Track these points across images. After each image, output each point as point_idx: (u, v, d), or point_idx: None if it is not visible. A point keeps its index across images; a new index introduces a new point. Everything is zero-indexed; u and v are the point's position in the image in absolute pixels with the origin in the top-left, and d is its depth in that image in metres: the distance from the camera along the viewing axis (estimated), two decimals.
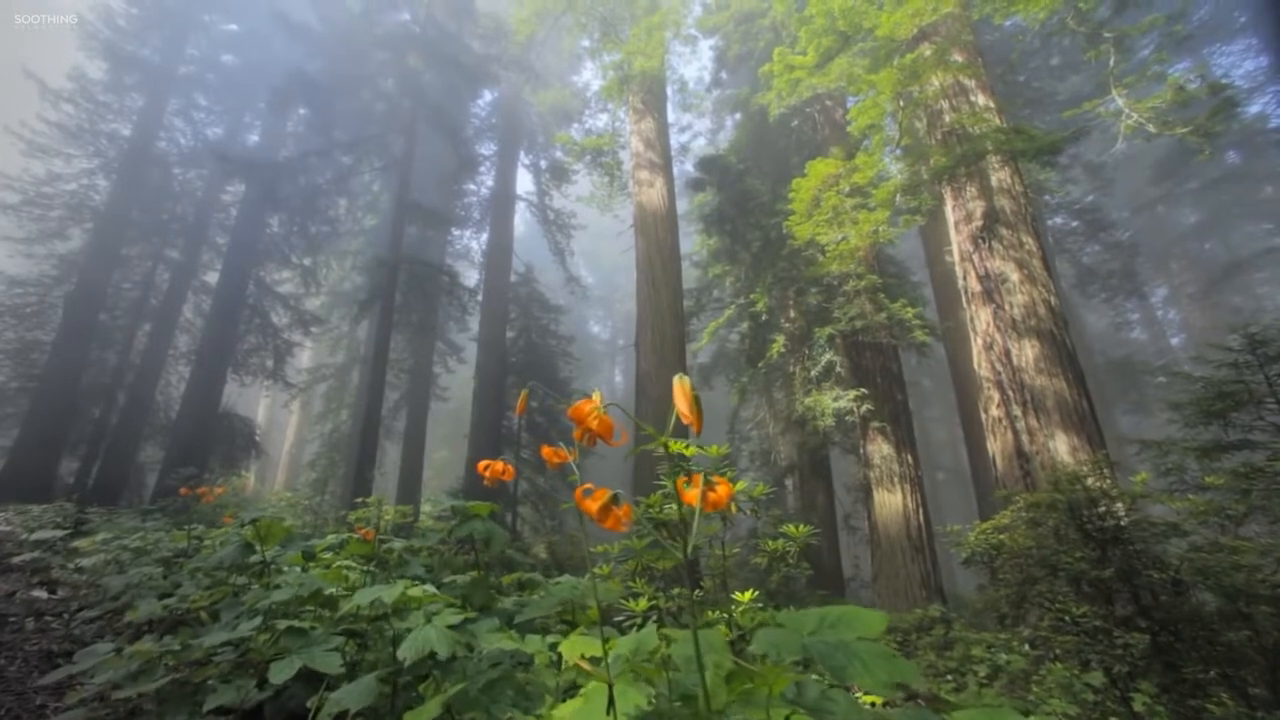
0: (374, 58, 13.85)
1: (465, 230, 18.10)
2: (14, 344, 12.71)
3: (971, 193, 6.86)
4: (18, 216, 13.21)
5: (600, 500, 0.87)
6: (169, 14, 13.94)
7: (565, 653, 1.15)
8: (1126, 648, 2.08)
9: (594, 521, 0.90)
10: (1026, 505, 3.05)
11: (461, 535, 1.54)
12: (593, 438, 0.99)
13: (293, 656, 1.36)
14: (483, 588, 1.61)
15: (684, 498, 0.91)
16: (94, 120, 13.70)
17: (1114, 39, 6.76)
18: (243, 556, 1.78)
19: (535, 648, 1.41)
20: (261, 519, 1.80)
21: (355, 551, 1.86)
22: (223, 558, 1.73)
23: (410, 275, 12.24)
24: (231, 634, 1.46)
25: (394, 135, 13.25)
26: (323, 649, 1.39)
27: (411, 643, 1.30)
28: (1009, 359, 6.01)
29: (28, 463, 10.41)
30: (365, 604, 1.36)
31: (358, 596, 1.38)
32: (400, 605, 1.45)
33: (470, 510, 1.69)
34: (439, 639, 1.32)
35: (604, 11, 11.58)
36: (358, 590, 1.42)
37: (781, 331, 10.17)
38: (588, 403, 0.98)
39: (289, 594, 1.55)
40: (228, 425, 12.61)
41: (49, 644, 2.37)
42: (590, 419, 0.96)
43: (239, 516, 1.81)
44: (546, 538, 8.77)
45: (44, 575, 3.00)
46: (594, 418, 1.09)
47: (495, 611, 1.54)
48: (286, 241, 14.14)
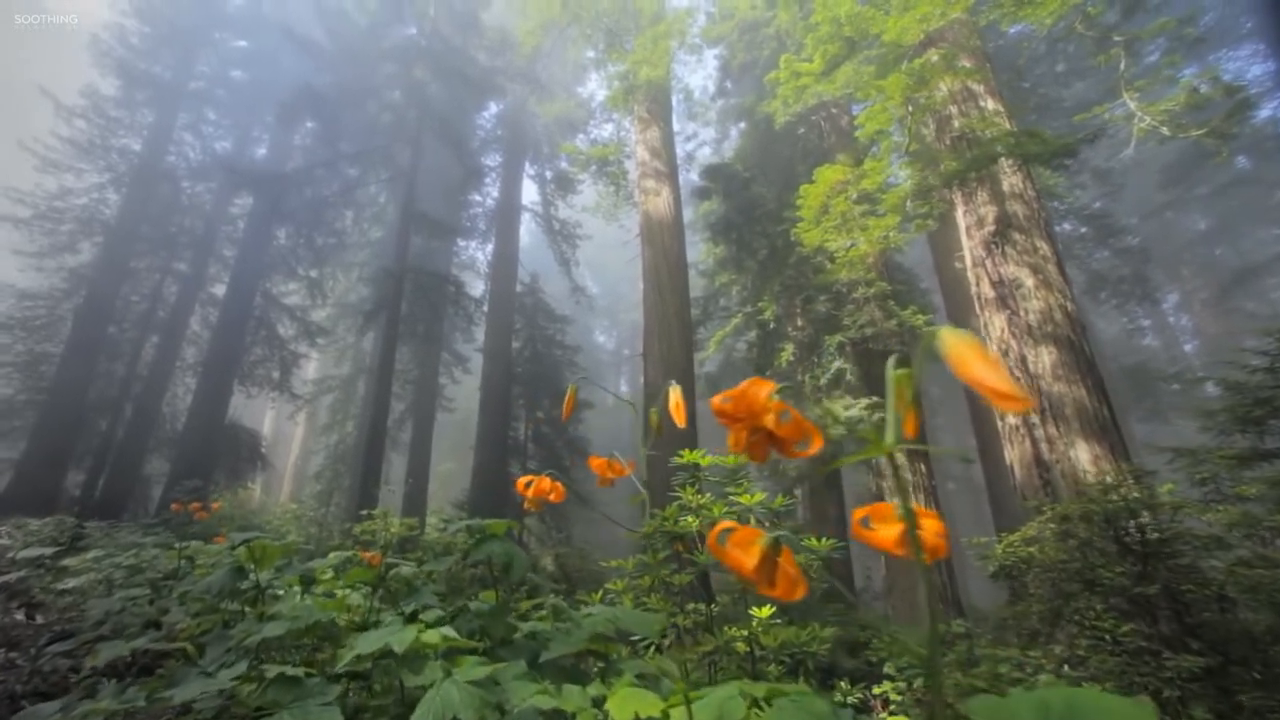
0: (380, 71, 13.98)
1: (471, 241, 18.14)
2: (23, 356, 12.76)
3: (983, 198, 6.78)
4: (30, 231, 13.34)
5: (754, 550, 0.58)
6: (180, 32, 14.15)
7: (615, 713, 0.97)
8: (1178, 670, 1.96)
9: (749, 587, 0.63)
10: (1055, 517, 2.92)
11: (479, 558, 1.40)
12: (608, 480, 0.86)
13: (283, 713, 1.16)
14: (503, 618, 1.45)
15: (742, 564, 0.60)
16: (105, 136, 13.87)
17: (1124, 43, 6.70)
18: (234, 581, 1.61)
19: (575, 704, 1.20)
20: (255, 540, 1.64)
21: (359, 579, 1.70)
22: (210, 583, 1.57)
23: (416, 286, 12.24)
24: (209, 684, 1.24)
25: (400, 147, 13.33)
26: (318, 702, 1.19)
27: (430, 706, 1.10)
28: (1025, 366, 5.88)
29: (34, 476, 10.39)
30: (370, 652, 1.16)
31: (361, 643, 1.18)
32: (414, 652, 1.23)
33: (488, 530, 1.53)
34: (463, 700, 1.11)
35: (609, 22, 11.65)
36: (360, 637, 1.21)
37: (789, 339, 10.06)
38: (599, 460, 0.86)
39: (283, 628, 1.39)
40: (234, 437, 12.59)
41: (14, 682, 2.12)
42: (608, 470, 0.83)
43: (231, 537, 1.66)
44: (554, 549, 8.63)
45: (24, 598, 2.86)
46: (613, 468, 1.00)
47: (517, 646, 1.39)
48: (293, 253, 14.20)
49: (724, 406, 0.63)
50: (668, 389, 1.30)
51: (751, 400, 0.61)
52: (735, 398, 0.62)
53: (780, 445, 0.62)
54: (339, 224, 15.30)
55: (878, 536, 0.60)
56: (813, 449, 0.61)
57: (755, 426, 0.62)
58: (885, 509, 0.62)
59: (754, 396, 0.61)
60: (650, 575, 2.28)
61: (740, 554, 0.59)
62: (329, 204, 13.93)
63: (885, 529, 0.60)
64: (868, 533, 0.62)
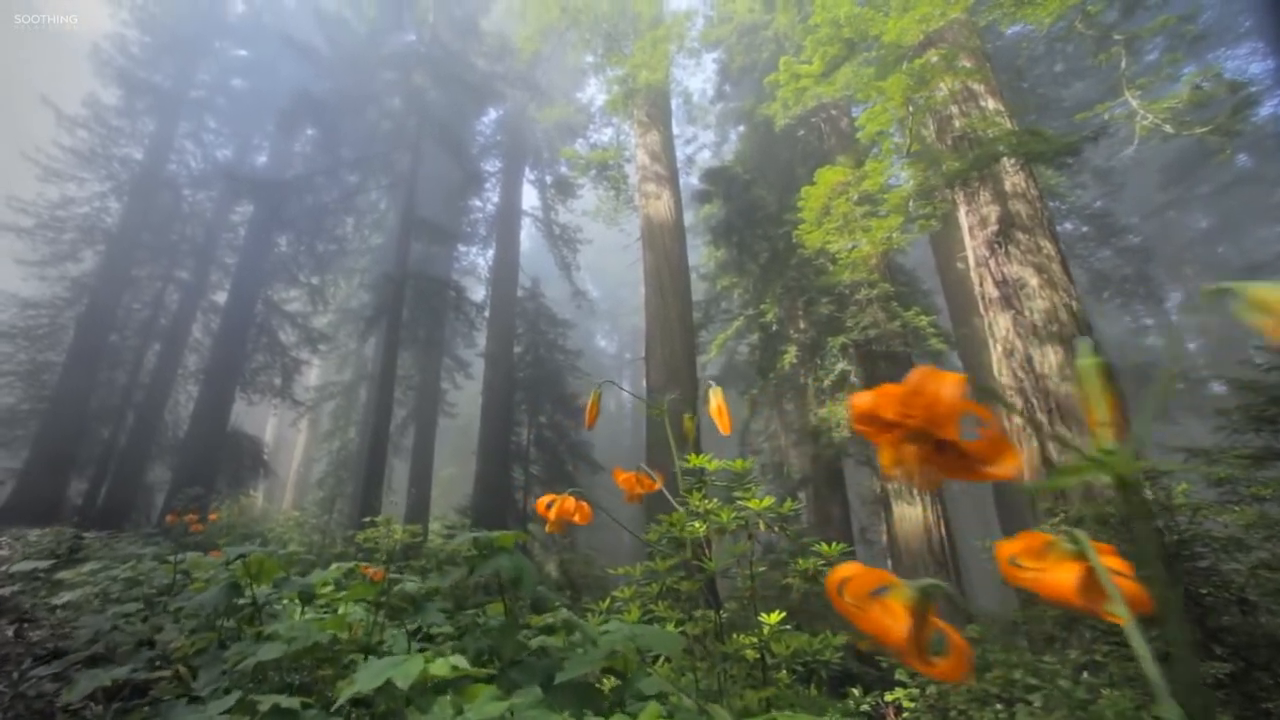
0: (380, 78, 14.02)
1: (471, 246, 18.15)
2: (26, 366, 12.77)
3: (985, 198, 6.74)
4: (32, 240, 13.37)
5: (899, 610, 0.45)
6: (181, 41, 14.21)
7: None
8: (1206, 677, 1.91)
9: (898, 660, 0.53)
10: (1070, 519, 2.87)
11: (486, 573, 1.33)
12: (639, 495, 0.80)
13: None
14: (513, 636, 1.38)
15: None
16: (107, 145, 13.93)
17: (1125, 41, 6.68)
18: (230, 598, 1.56)
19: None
20: (252, 555, 1.58)
21: (361, 595, 1.63)
22: (205, 601, 1.51)
23: (417, 291, 12.23)
24: (200, 718, 1.16)
25: (400, 153, 13.35)
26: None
27: None
28: (1031, 366, 5.83)
29: (37, 485, 10.37)
30: (371, 689, 1.04)
31: (362, 677, 1.07)
32: (421, 684, 1.11)
33: (495, 543, 1.46)
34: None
35: (608, 27, 11.67)
36: (362, 667, 1.12)
37: (792, 342, 10.02)
38: (625, 474, 0.81)
39: (280, 650, 1.31)
40: (236, 444, 12.56)
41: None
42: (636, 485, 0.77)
43: (227, 551, 1.60)
44: (558, 555, 8.57)
45: (16, 614, 2.79)
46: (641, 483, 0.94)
47: (529, 667, 1.32)
48: (294, 260, 14.21)
49: (880, 409, 0.44)
50: (707, 390, 1.25)
51: (932, 400, 0.42)
52: (904, 397, 0.43)
53: (964, 464, 0.44)
54: (340, 230, 15.31)
55: (1046, 582, 0.44)
56: (1008, 469, 0.43)
57: (926, 436, 0.43)
58: (1039, 541, 0.47)
59: (936, 394, 0.42)
60: (658, 583, 2.24)
61: (883, 616, 0.44)
62: (329, 211, 13.95)
63: (1053, 571, 0.44)
64: (1025, 575, 0.45)
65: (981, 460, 0.43)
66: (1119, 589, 0.41)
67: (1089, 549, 0.42)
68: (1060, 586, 0.43)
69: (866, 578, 0.47)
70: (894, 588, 0.46)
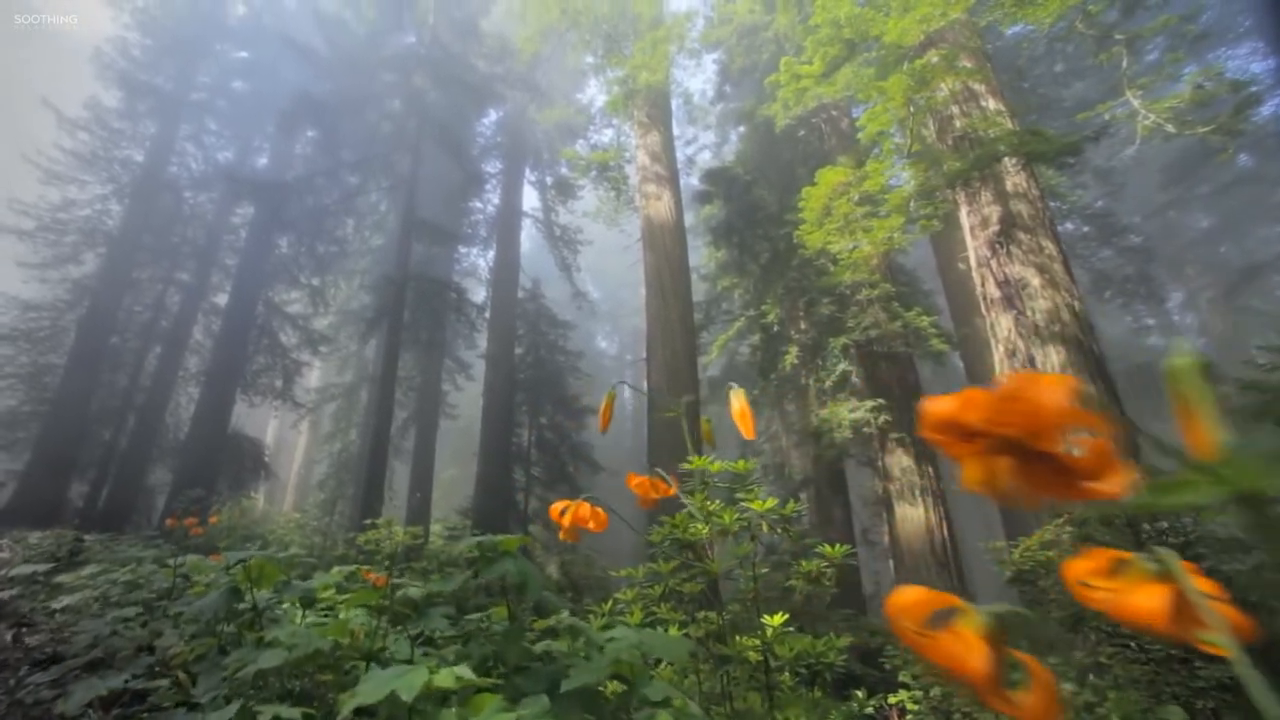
0: (380, 79, 14.03)
1: (472, 248, 18.17)
2: (27, 368, 12.78)
3: (986, 198, 6.73)
4: (33, 242, 13.38)
5: (974, 641, 0.41)
6: (181, 43, 14.23)
7: None
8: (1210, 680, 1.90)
9: (976, 698, 0.43)
10: (1074, 520, 2.87)
11: (490, 577, 1.32)
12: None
13: None
14: (518, 642, 1.37)
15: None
16: (108, 147, 13.95)
17: (1126, 41, 6.67)
18: (230, 603, 1.54)
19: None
20: (252, 559, 1.55)
21: (363, 601, 1.61)
22: (204, 606, 1.49)
23: (418, 293, 12.23)
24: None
25: (400, 154, 13.35)
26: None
27: None
28: (1034, 366, 5.82)
29: (38, 487, 10.37)
30: (374, 701, 1.00)
31: (364, 689, 1.04)
32: (425, 695, 1.07)
33: (500, 547, 1.44)
34: None
35: (608, 28, 11.68)
36: (364, 679, 1.08)
37: (793, 342, 10.01)
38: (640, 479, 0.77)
39: (280, 657, 1.29)
40: (237, 446, 12.56)
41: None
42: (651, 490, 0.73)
43: (227, 556, 1.59)
44: (559, 556, 8.56)
45: (14, 618, 2.78)
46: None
47: (535, 674, 1.30)
48: (295, 262, 14.21)
49: (964, 416, 0.38)
50: (728, 392, 1.22)
51: (1034, 407, 0.36)
52: (998, 403, 0.37)
53: (1064, 480, 0.38)
54: (340, 232, 15.32)
55: (1128, 606, 0.39)
56: (1118, 486, 0.37)
57: (1020, 448, 0.37)
58: (1109, 559, 0.41)
59: (1038, 400, 0.35)
60: (660, 584, 2.23)
61: (955, 646, 0.39)
62: (330, 212, 13.96)
63: (1135, 594, 0.39)
64: (1100, 597, 0.40)
65: (1087, 476, 0.38)
66: (1219, 615, 0.36)
67: (1178, 569, 0.38)
68: (1146, 611, 0.38)
69: (929, 601, 0.42)
70: (962, 613, 0.42)
